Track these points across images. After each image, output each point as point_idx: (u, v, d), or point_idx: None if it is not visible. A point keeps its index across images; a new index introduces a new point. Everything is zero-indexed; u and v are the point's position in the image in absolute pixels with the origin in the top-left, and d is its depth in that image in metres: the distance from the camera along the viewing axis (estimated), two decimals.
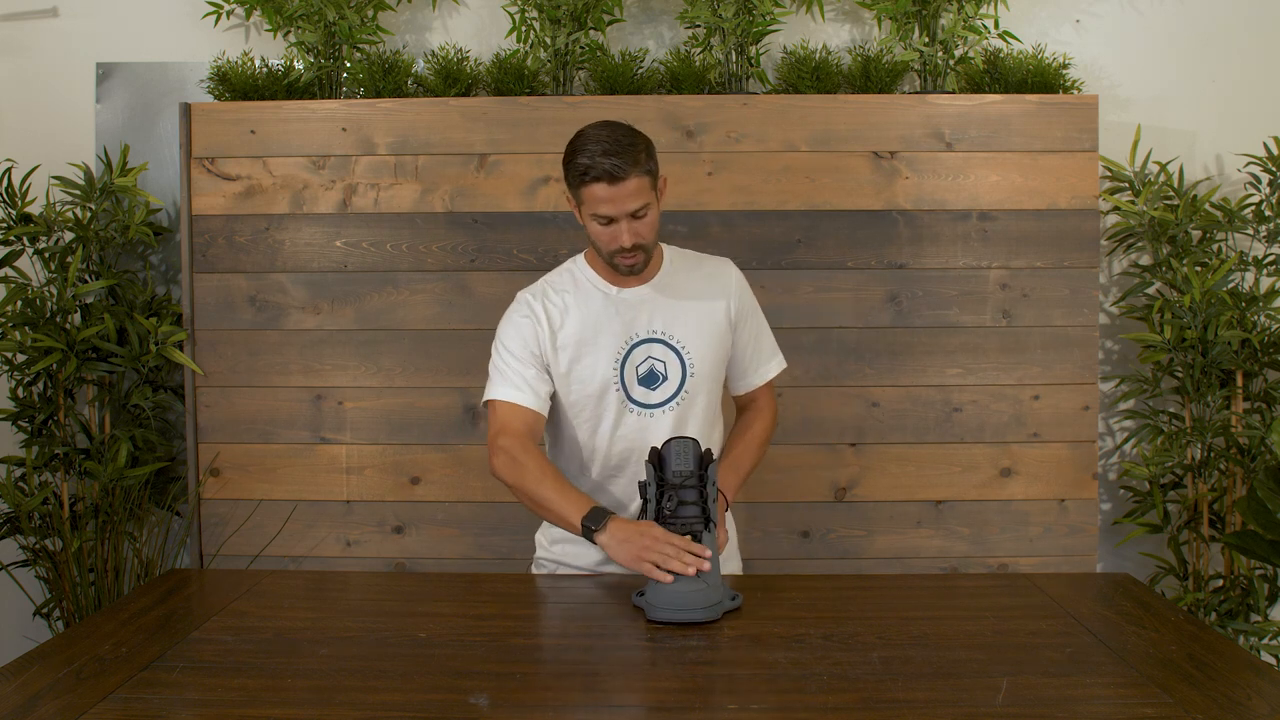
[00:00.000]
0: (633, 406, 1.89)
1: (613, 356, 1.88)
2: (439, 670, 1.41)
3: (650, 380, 1.89)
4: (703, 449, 1.71)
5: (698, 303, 1.92)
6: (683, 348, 1.89)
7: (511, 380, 1.87)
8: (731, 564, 2.02)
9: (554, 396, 1.91)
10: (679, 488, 1.67)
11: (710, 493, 1.68)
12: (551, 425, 1.96)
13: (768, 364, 2.02)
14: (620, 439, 1.89)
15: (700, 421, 1.91)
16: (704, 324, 1.92)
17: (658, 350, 1.89)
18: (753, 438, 2.00)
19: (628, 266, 1.84)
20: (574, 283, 1.94)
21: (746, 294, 1.99)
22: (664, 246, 1.97)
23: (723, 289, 1.95)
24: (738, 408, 2.06)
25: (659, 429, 1.88)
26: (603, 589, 1.82)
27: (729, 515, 1.96)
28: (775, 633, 1.57)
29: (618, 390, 1.88)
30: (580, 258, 1.96)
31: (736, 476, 1.94)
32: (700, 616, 1.59)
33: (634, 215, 1.77)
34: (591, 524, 1.71)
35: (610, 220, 1.78)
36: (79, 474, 2.70)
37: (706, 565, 1.61)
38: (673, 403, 1.89)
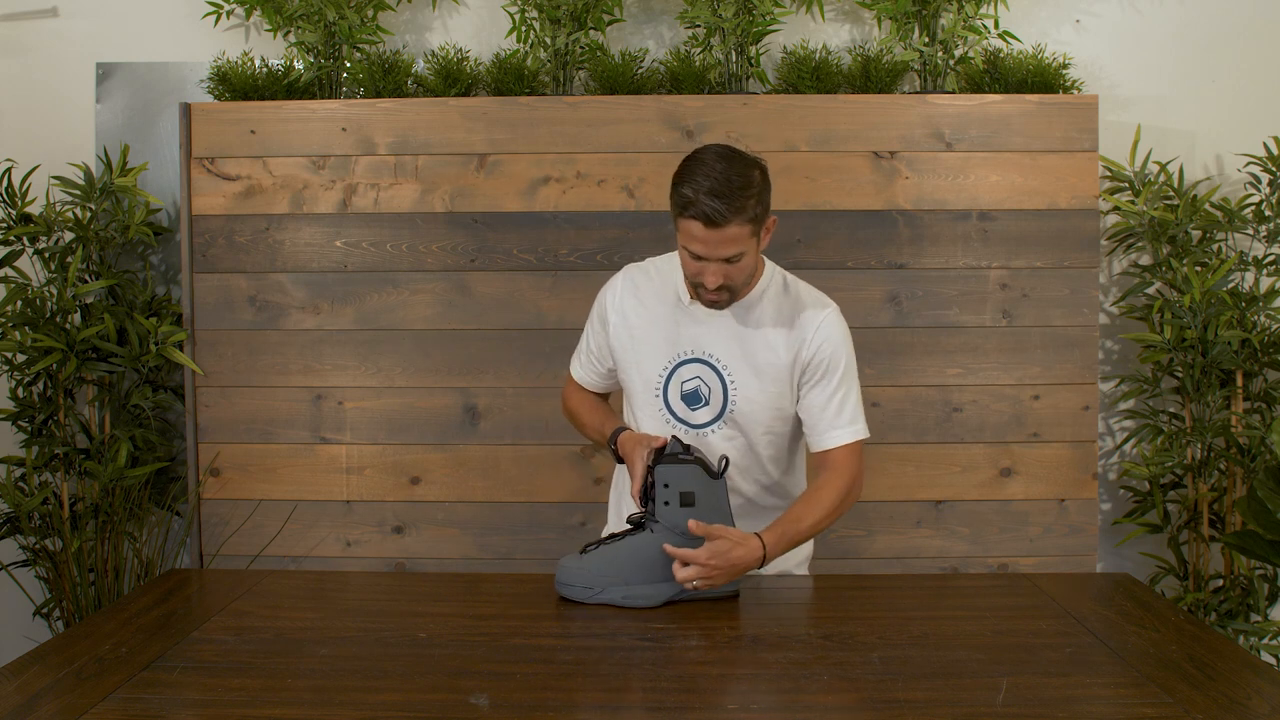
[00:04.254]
0: (670, 418, 1.86)
1: (662, 362, 1.86)
2: (439, 670, 1.41)
3: (693, 400, 1.85)
4: (717, 465, 1.73)
5: (765, 339, 1.83)
6: (730, 380, 1.83)
7: (580, 356, 2.02)
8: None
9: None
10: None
11: (657, 494, 1.69)
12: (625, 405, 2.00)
13: (841, 429, 1.84)
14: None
15: (737, 456, 1.84)
16: (762, 362, 1.83)
17: (706, 373, 1.84)
18: (819, 502, 1.80)
19: (708, 303, 1.78)
20: (664, 275, 1.90)
21: (831, 346, 1.83)
22: (769, 267, 1.88)
23: (800, 334, 1.83)
24: (815, 466, 1.89)
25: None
26: None
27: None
28: (775, 633, 1.57)
29: (657, 397, 1.86)
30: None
31: (785, 536, 1.74)
32: (574, 595, 1.69)
33: (726, 260, 1.70)
34: (612, 443, 1.86)
35: (700, 258, 1.71)
36: (79, 474, 2.70)
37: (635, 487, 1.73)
38: (709, 428, 1.85)
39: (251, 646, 1.51)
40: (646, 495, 1.71)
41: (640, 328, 1.88)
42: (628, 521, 1.74)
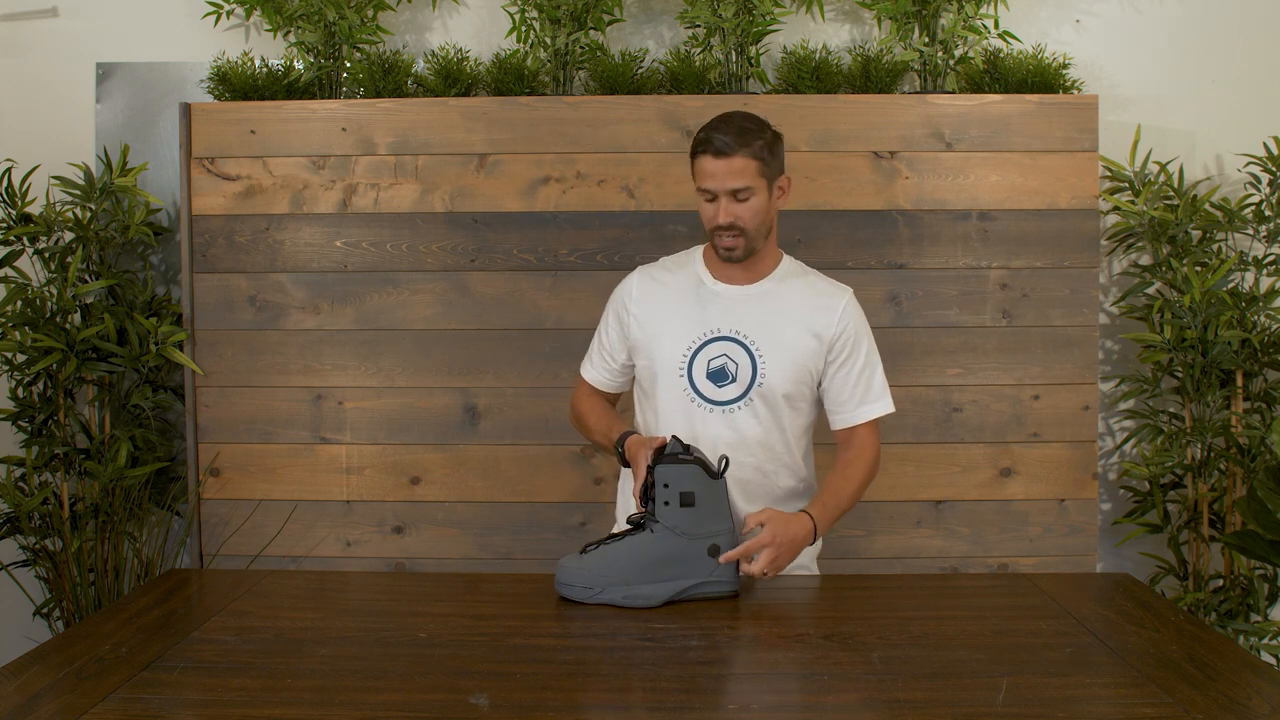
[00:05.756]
0: (695, 398, 1.90)
1: (685, 345, 1.91)
2: (439, 670, 1.42)
3: (719, 377, 1.89)
4: (717, 466, 1.73)
5: (791, 317, 1.91)
6: (759, 353, 1.89)
7: (591, 357, 2.07)
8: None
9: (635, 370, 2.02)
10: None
11: (657, 494, 1.70)
12: (635, 404, 2.05)
13: (871, 404, 1.94)
14: (674, 429, 1.89)
15: (760, 433, 1.89)
16: (790, 339, 1.90)
17: (734, 350, 1.89)
18: (852, 476, 1.91)
19: (726, 248, 1.87)
20: (682, 265, 2.00)
21: (854, 326, 1.94)
22: (786, 258, 2.00)
23: (826, 314, 1.92)
24: (838, 444, 1.98)
25: (714, 427, 1.88)
26: None
27: (811, 547, 1.92)
28: (775, 633, 1.57)
29: (681, 377, 1.90)
30: (702, 246, 2.01)
31: (829, 507, 1.85)
32: (574, 595, 1.69)
33: (735, 196, 1.82)
34: (619, 447, 1.89)
35: (713, 197, 1.84)
36: (79, 474, 2.70)
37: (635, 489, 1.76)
38: (735, 405, 1.89)
39: (251, 646, 1.51)
40: (646, 495, 1.72)
41: (662, 311, 1.95)
42: (628, 521, 1.75)
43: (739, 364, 1.89)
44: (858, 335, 1.94)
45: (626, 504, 2.03)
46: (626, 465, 1.88)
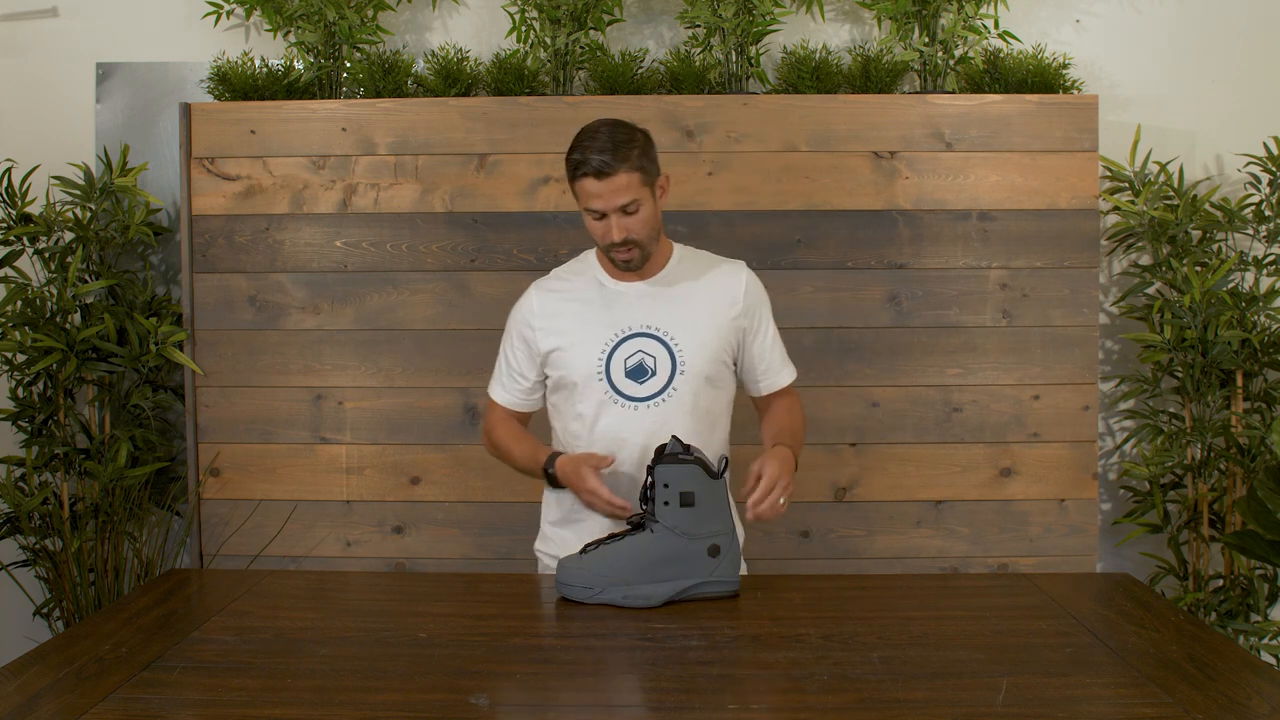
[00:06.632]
0: (617, 398, 1.90)
1: (598, 348, 1.91)
2: (439, 670, 1.41)
3: (639, 374, 1.90)
4: (717, 465, 1.74)
5: (698, 301, 1.94)
6: (674, 343, 1.91)
7: (500, 379, 2.04)
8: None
9: (547, 382, 2.00)
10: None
11: (657, 494, 1.70)
12: (551, 415, 2.03)
13: (788, 367, 2.04)
14: (603, 431, 1.91)
15: (689, 420, 1.91)
16: (701, 322, 1.92)
17: (649, 344, 1.91)
18: (796, 415, 2.00)
19: (623, 261, 1.89)
20: (578, 272, 2.00)
21: (758, 299, 1.99)
22: (676, 245, 2.01)
23: (730, 291, 1.96)
24: (761, 409, 2.05)
25: (642, 423, 1.89)
26: None
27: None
28: (775, 633, 1.57)
29: (601, 380, 1.90)
30: (594, 250, 2.01)
31: (788, 443, 1.91)
32: (574, 595, 1.68)
33: (624, 211, 1.83)
34: (549, 468, 1.89)
35: (602, 215, 1.84)
36: (79, 474, 2.70)
37: (626, 507, 1.78)
38: (659, 398, 1.90)
39: (251, 646, 1.51)
40: (646, 495, 1.72)
41: (569, 320, 1.95)
42: (627, 522, 1.75)
43: (656, 357, 1.90)
44: (762, 304, 1.99)
45: (562, 523, 2.01)
46: (557, 487, 1.90)
